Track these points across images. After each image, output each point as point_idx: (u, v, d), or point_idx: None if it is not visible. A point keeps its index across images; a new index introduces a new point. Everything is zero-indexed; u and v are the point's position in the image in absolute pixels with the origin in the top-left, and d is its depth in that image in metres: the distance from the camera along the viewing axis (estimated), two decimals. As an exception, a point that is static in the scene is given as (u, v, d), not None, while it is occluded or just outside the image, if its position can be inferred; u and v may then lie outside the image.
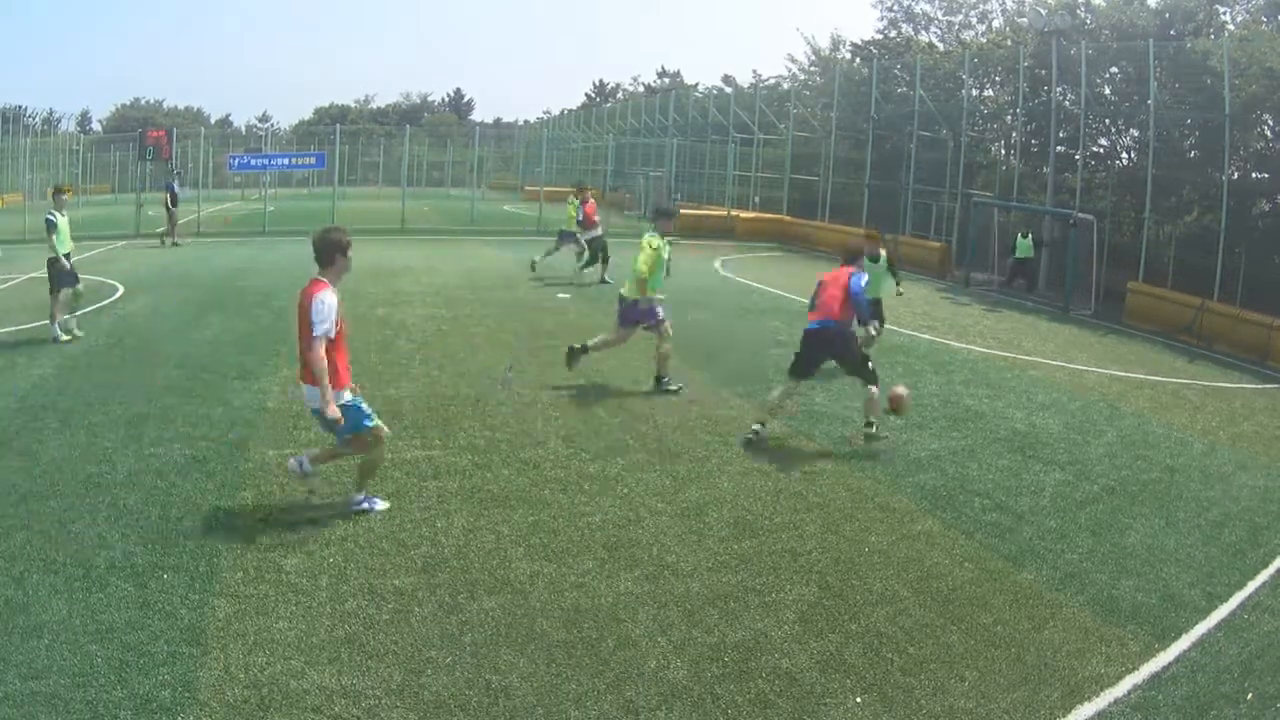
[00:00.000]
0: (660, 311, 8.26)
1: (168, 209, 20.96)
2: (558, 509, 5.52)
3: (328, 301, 4.88)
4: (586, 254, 15.41)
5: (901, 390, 7.16)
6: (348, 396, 5.08)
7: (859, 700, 3.72)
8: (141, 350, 9.30)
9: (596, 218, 15.40)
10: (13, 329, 10.27)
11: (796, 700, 3.70)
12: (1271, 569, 5.30)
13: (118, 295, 12.85)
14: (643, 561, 4.87)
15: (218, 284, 14.21)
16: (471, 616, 4.20)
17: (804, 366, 7.10)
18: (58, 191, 10.35)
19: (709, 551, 5.04)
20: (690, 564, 4.87)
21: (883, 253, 10.07)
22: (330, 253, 5.02)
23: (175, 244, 20.52)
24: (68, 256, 9.97)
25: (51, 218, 9.88)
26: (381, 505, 5.44)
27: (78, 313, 10.28)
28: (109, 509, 5.18)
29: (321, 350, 4.85)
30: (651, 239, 8.14)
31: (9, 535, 4.77)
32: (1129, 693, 3.89)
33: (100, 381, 7.99)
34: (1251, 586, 5.05)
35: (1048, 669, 4.04)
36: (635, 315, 8.30)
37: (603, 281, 15.12)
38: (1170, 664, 4.15)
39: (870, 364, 7.10)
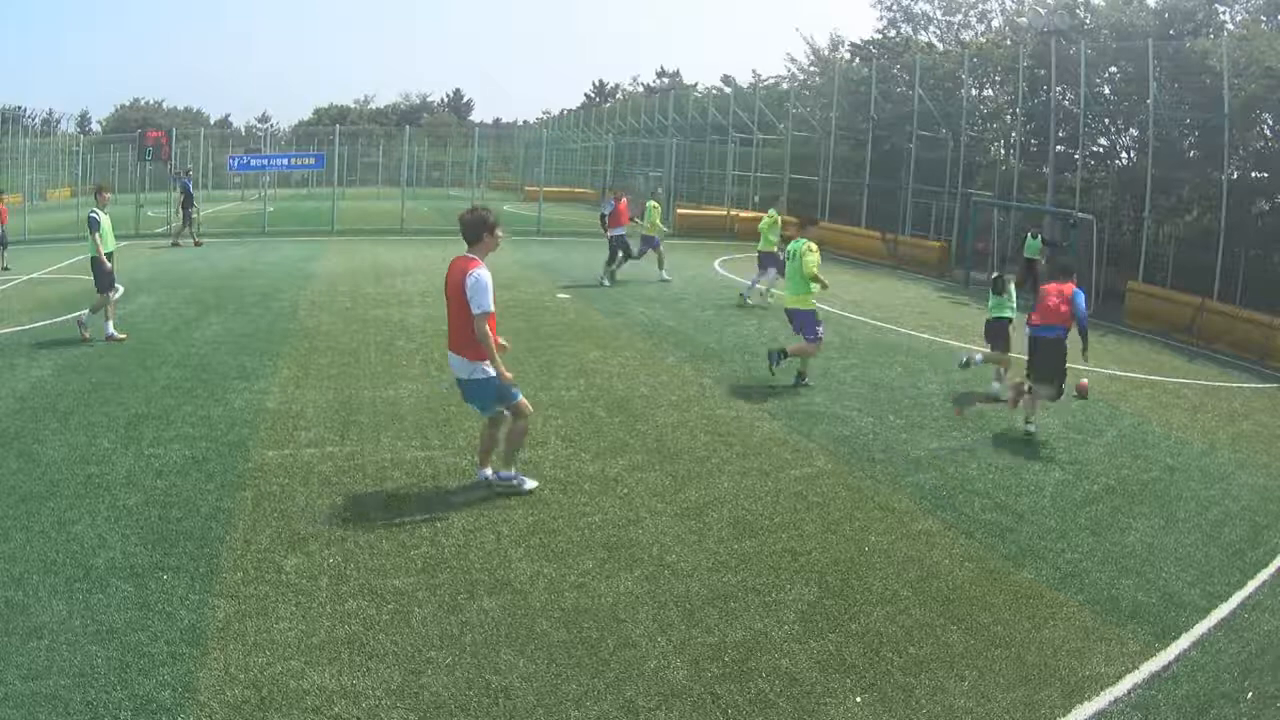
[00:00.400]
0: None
1: (183, 209, 20.83)
2: (558, 509, 5.52)
3: (484, 278, 5.18)
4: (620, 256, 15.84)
5: (1085, 381, 9.08)
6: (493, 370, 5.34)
7: (859, 700, 3.72)
8: (141, 350, 9.30)
9: (626, 219, 15.94)
10: (13, 329, 10.27)
11: (796, 700, 3.70)
12: (1271, 568, 5.31)
13: (117, 295, 12.82)
14: (643, 561, 4.87)
15: (217, 284, 14.20)
16: (471, 617, 4.20)
17: (1039, 369, 7.72)
18: (99, 190, 10.49)
19: (709, 551, 5.04)
20: (690, 564, 4.87)
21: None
22: (478, 230, 5.36)
23: (197, 243, 20.31)
24: (110, 256, 10.07)
25: (95, 216, 9.99)
26: (531, 484, 5.71)
27: (77, 313, 10.27)
28: (109, 509, 5.18)
29: (486, 326, 5.15)
30: (810, 244, 9.04)
31: (9, 536, 4.77)
32: (1129, 692, 3.89)
33: (100, 382, 7.99)
34: (1251, 586, 5.05)
35: (1048, 668, 4.04)
36: (803, 319, 9.13)
37: (604, 284, 15.33)
38: (1170, 663, 4.15)
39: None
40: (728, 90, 38.62)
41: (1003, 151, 24.43)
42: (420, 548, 4.90)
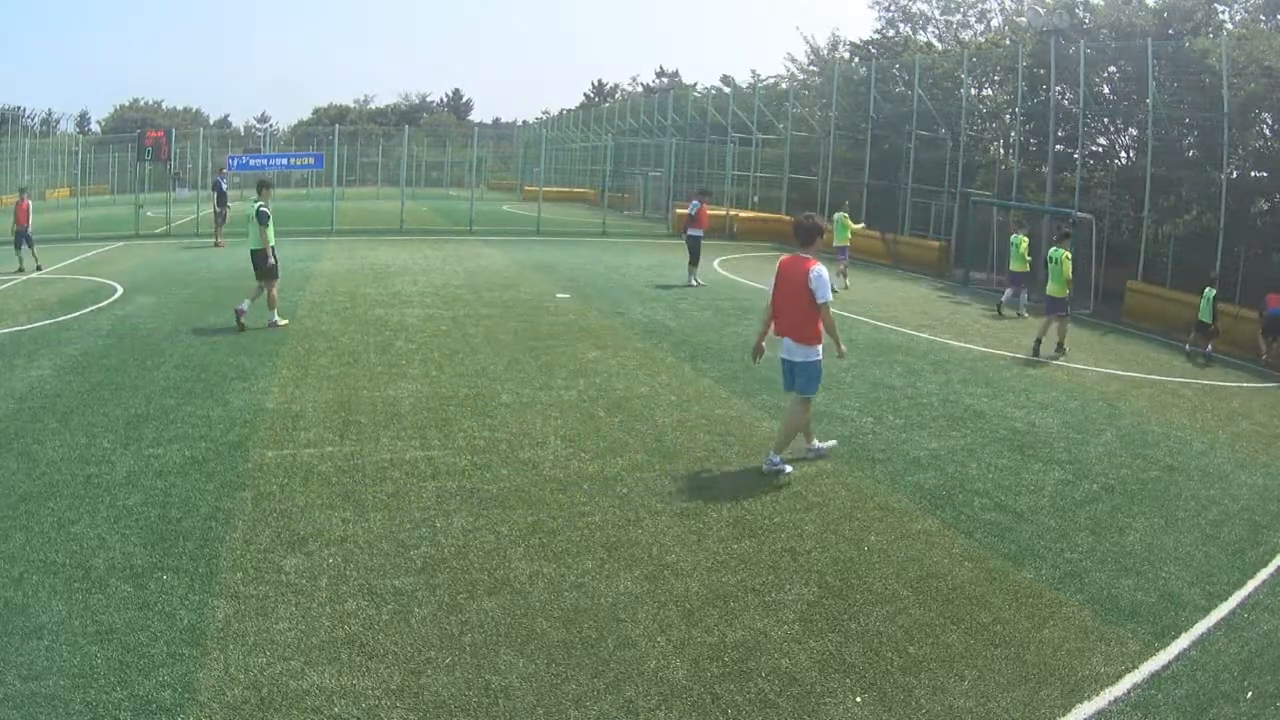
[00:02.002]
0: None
1: (215, 209, 20.93)
2: (557, 509, 5.52)
3: (824, 274, 6.12)
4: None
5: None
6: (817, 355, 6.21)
7: (859, 700, 3.72)
8: (141, 351, 9.30)
9: (706, 222, 16.94)
10: (13, 329, 10.27)
11: (796, 700, 3.70)
12: (1271, 568, 5.31)
13: (117, 296, 12.84)
14: (642, 561, 4.87)
15: (217, 284, 14.20)
16: (471, 617, 4.20)
17: None
18: (265, 185, 11.41)
19: (708, 551, 5.04)
20: (690, 564, 4.87)
21: None
22: (812, 235, 6.30)
23: (218, 244, 20.42)
24: (273, 249, 10.75)
25: (265, 210, 10.71)
26: (790, 470, 6.27)
27: (76, 313, 10.27)
28: (108, 510, 5.18)
29: (830, 313, 6.15)
30: (1066, 254, 11.62)
31: (8, 536, 4.77)
32: (1129, 691, 3.89)
33: (99, 382, 7.99)
34: (1251, 585, 5.05)
35: (1047, 668, 4.04)
36: (1056, 307, 11.50)
37: (693, 283, 16.12)
38: (1170, 663, 4.15)
39: None
40: (727, 90, 38.62)
41: (1002, 151, 24.43)
42: (420, 548, 4.90)
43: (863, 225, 19.92)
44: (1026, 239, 15.42)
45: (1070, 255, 11.72)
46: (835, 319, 6.33)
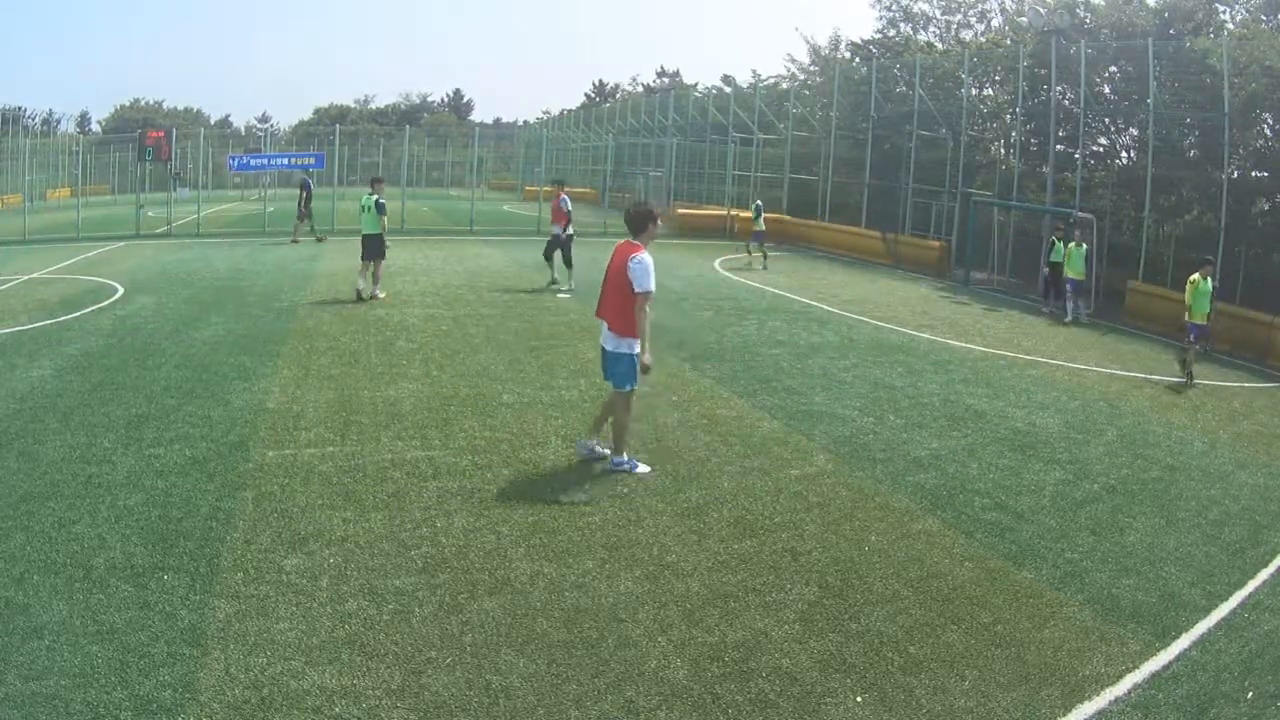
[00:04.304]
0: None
1: (300, 206, 21.48)
2: (558, 509, 5.52)
3: (647, 263, 5.79)
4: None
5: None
6: (637, 348, 5.96)
7: (859, 700, 3.72)
8: (141, 351, 9.30)
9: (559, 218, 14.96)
10: (14, 329, 10.27)
11: (797, 700, 3.70)
12: (1272, 568, 5.31)
13: (117, 296, 12.85)
14: (643, 561, 4.87)
15: (218, 284, 14.20)
16: (472, 617, 4.20)
17: None
18: (377, 180, 13.27)
19: (709, 551, 5.04)
20: (690, 564, 4.87)
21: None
22: (640, 223, 6.01)
23: (319, 239, 21.32)
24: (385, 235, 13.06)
25: (383, 201, 12.95)
26: (643, 469, 6.12)
27: (77, 313, 10.28)
28: (109, 510, 5.18)
29: (645, 305, 5.79)
30: (1194, 278, 11.09)
31: (9, 536, 4.77)
32: (1129, 691, 3.89)
33: (100, 382, 7.99)
34: (1252, 585, 5.05)
35: (1048, 668, 4.04)
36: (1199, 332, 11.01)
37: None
38: (1171, 663, 4.15)
39: None
40: (728, 90, 38.59)
41: (1003, 151, 24.41)
42: (420, 548, 4.90)
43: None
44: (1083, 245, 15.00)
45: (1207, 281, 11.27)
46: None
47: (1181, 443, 7.88)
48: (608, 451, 6.30)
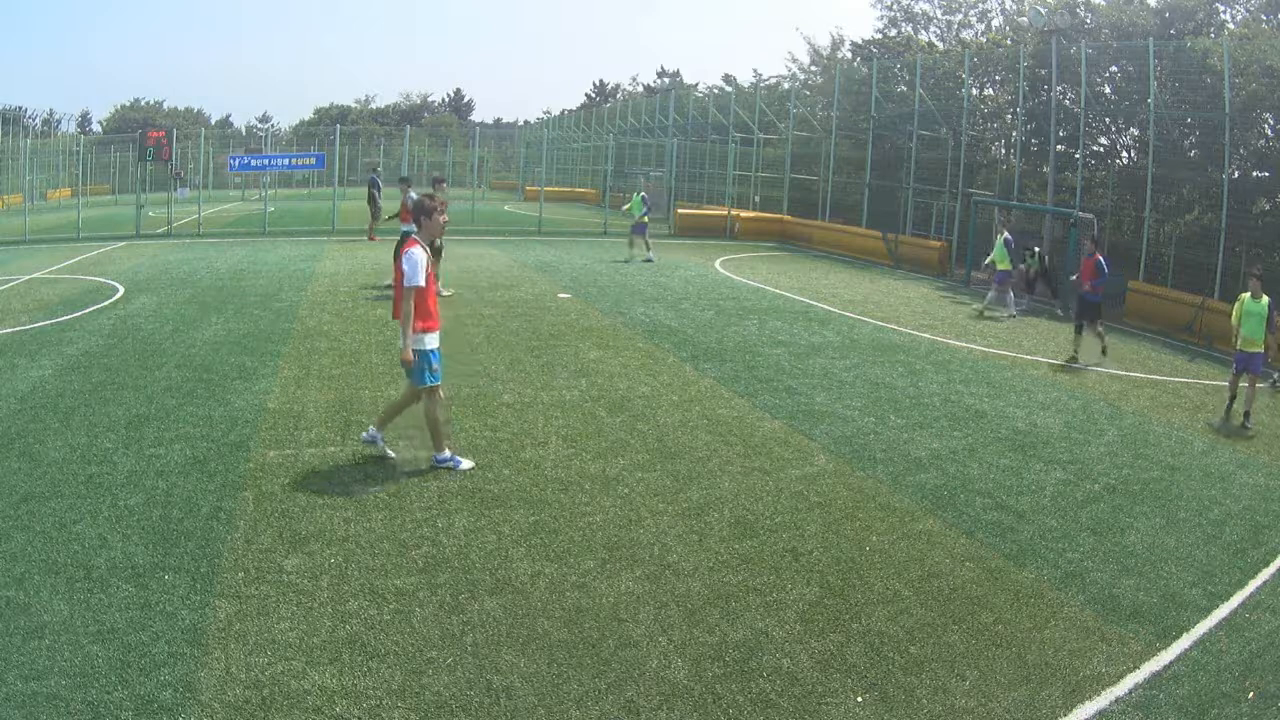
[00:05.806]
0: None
1: (371, 204, 21.40)
2: (558, 509, 5.53)
3: (417, 258, 5.79)
4: None
5: None
6: (432, 344, 5.92)
7: (860, 699, 3.72)
8: (142, 351, 9.30)
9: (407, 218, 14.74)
10: (15, 329, 10.28)
11: (797, 699, 3.70)
12: (1272, 568, 5.31)
13: (118, 296, 12.85)
14: (644, 561, 4.87)
15: (218, 284, 14.20)
16: (472, 616, 4.20)
17: None
18: (438, 181, 12.94)
19: (710, 551, 5.04)
20: (691, 564, 4.87)
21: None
22: (417, 215, 6.04)
23: (371, 238, 21.06)
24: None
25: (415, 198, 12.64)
26: (466, 464, 6.10)
27: (78, 313, 10.28)
28: (110, 510, 5.18)
29: (411, 299, 5.76)
30: (1242, 295, 9.13)
31: (10, 536, 4.78)
32: (1130, 691, 3.89)
33: (101, 382, 7.99)
34: (1252, 585, 5.05)
35: (1049, 668, 4.04)
36: (1244, 362, 8.96)
37: None
38: (1171, 663, 4.15)
39: None
40: (728, 90, 38.63)
41: (1003, 151, 24.42)
42: (421, 547, 4.90)
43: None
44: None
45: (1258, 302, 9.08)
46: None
47: (1182, 443, 7.88)
48: (387, 450, 6.23)
